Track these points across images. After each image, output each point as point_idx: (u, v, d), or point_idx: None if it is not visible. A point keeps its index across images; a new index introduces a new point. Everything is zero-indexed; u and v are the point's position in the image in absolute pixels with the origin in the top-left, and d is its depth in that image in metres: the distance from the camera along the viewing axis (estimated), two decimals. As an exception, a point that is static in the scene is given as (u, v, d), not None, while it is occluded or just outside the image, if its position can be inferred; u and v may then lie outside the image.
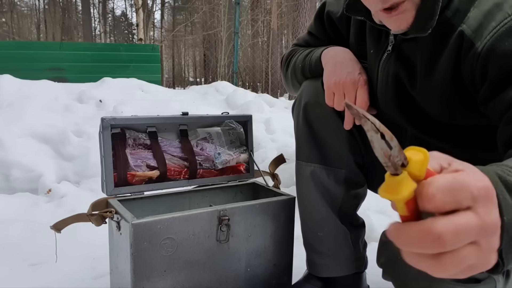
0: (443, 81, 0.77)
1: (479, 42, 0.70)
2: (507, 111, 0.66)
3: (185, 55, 21.32)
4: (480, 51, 0.70)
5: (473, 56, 0.71)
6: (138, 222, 0.89)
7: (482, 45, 0.70)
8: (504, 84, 0.67)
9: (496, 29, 0.69)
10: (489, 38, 0.69)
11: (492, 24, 0.69)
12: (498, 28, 0.69)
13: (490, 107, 0.71)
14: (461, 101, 0.77)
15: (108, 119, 1.05)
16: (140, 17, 8.18)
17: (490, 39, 0.69)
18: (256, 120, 2.71)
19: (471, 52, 0.71)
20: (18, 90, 2.95)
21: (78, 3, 19.21)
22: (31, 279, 1.27)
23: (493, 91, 0.69)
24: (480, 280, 0.81)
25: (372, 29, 0.90)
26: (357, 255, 1.09)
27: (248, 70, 11.24)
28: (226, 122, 1.25)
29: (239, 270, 1.06)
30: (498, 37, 0.68)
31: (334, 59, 0.96)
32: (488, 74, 0.69)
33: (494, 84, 0.69)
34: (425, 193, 0.33)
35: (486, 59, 0.69)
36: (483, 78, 0.71)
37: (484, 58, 0.70)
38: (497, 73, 0.68)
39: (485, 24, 0.70)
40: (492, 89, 0.69)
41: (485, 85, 0.70)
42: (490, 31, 0.69)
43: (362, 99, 0.92)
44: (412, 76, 0.83)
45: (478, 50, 0.70)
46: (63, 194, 1.95)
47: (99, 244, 1.33)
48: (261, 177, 1.26)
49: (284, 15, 11.37)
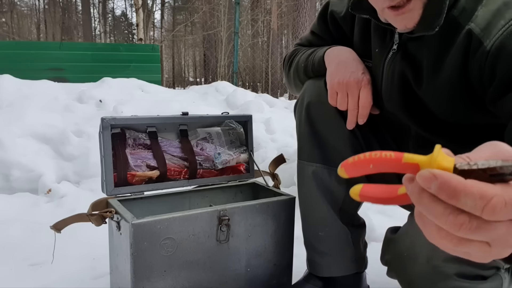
0: (450, 79, 0.77)
1: (487, 40, 0.70)
2: None
3: (185, 55, 21.32)
4: (489, 49, 0.69)
5: (481, 54, 0.71)
6: (138, 222, 0.89)
7: (491, 43, 0.69)
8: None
9: (505, 28, 0.68)
10: (498, 37, 0.68)
11: (501, 22, 0.69)
12: (507, 26, 0.68)
13: (499, 105, 0.70)
14: (467, 100, 0.77)
15: (108, 119, 1.05)
16: (140, 17, 8.18)
17: (500, 38, 0.68)
18: (256, 120, 2.71)
19: (480, 51, 0.71)
20: (18, 90, 2.95)
21: (78, 3, 19.22)
22: (31, 279, 1.27)
23: (502, 90, 0.68)
24: (486, 277, 0.81)
25: (377, 28, 0.90)
26: (358, 255, 1.09)
27: (248, 70, 11.24)
28: (226, 122, 1.25)
29: (239, 270, 1.06)
30: (507, 35, 0.68)
31: (337, 58, 0.96)
32: (497, 72, 0.69)
33: (503, 82, 0.68)
34: (493, 205, 0.30)
35: (495, 58, 0.69)
36: (491, 76, 0.70)
37: (493, 57, 0.69)
38: (506, 72, 0.68)
39: (494, 23, 0.70)
40: (501, 87, 0.69)
41: (493, 83, 0.70)
42: (499, 29, 0.69)
43: (366, 99, 0.92)
44: (418, 75, 0.82)
45: (487, 48, 0.70)
46: (63, 194, 1.95)
47: (99, 244, 1.33)
48: (261, 177, 1.26)
49: (284, 15, 11.38)
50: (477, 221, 0.31)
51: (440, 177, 0.31)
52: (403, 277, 0.86)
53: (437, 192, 0.31)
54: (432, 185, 0.31)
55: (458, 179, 0.31)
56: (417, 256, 0.81)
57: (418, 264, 0.81)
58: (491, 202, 0.29)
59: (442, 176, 0.31)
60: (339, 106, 0.95)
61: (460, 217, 0.30)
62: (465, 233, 0.31)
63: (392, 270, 0.91)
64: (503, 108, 0.69)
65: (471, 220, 0.30)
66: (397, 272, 0.89)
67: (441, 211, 0.31)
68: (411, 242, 0.83)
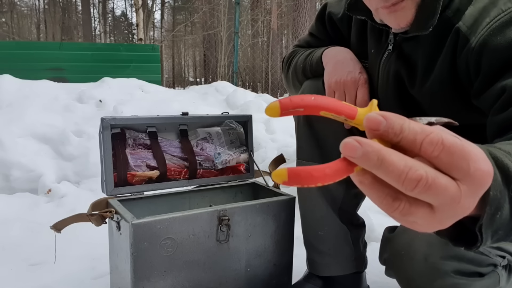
0: (441, 78, 0.78)
1: (473, 37, 0.71)
2: (495, 103, 0.67)
3: (185, 55, 21.32)
4: (474, 46, 0.71)
5: (467, 51, 0.72)
6: (138, 222, 0.89)
7: (476, 40, 0.71)
8: (495, 77, 0.68)
9: (490, 25, 0.69)
10: (482, 34, 0.70)
11: (486, 20, 0.70)
12: (492, 23, 0.69)
13: (481, 100, 0.72)
14: (459, 99, 0.78)
15: (108, 119, 1.05)
16: (140, 17, 8.17)
17: (484, 35, 0.70)
18: (256, 120, 2.71)
19: (466, 48, 0.72)
20: (18, 90, 2.95)
21: (78, 3, 19.21)
22: (31, 279, 1.27)
23: (485, 85, 0.70)
24: (483, 274, 0.81)
25: (373, 29, 0.91)
26: (357, 255, 1.09)
27: (248, 70, 11.24)
28: (226, 122, 1.25)
29: (239, 270, 1.06)
30: (491, 32, 0.69)
31: (335, 58, 0.97)
32: (481, 68, 0.70)
33: (485, 77, 0.70)
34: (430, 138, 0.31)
35: (479, 54, 0.70)
36: (477, 72, 0.72)
37: (477, 53, 0.70)
38: (489, 67, 0.69)
39: (479, 20, 0.71)
40: (483, 82, 0.70)
41: (478, 79, 0.71)
42: (484, 26, 0.70)
43: (363, 98, 0.92)
44: (412, 75, 0.83)
45: (472, 45, 0.71)
46: (63, 194, 1.95)
47: (99, 244, 1.33)
48: (261, 177, 1.26)
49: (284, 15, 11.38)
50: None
51: (388, 117, 0.32)
52: (401, 275, 0.86)
53: (385, 131, 0.32)
54: (381, 125, 0.32)
55: (404, 118, 0.32)
56: (414, 254, 0.81)
57: (416, 262, 0.81)
58: (430, 135, 0.31)
59: (390, 116, 0.32)
60: None
61: (420, 171, 0.30)
62: (419, 191, 0.30)
63: (390, 268, 0.91)
64: (486, 102, 0.70)
65: (427, 174, 0.30)
66: (395, 271, 0.89)
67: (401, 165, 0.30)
68: (409, 240, 0.83)
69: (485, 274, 0.82)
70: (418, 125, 0.32)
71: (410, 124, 0.32)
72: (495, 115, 0.67)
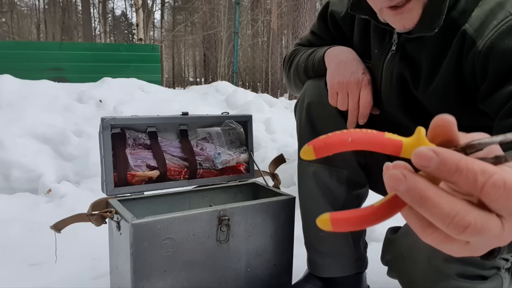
0: (446, 81, 0.77)
1: (480, 40, 0.70)
2: (502, 108, 0.66)
3: (185, 55, 21.33)
4: (481, 49, 0.70)
5: (474, 54, 0.71)
6: (138, 222, 0.89)
7: (483, 43, 0.70)
8: (502, 81, 0.67)
9: (497, 28, 0.69)
10: (490, 37, 0.69)
11: (494, 22, 0.69)
12: (499, 26, 0.68)
13: (488, 104, 0.71)
14: (464, 102, 0.77)
15: (108, 119, 1.05)
16: (140, 17, 8.17)
17: (491, 38, 0.69)
18: (256, 120, 2.71)
19: (473, 51, 0.71)
20: (18, 90, 2.95)
21: (78, 3, 19.22)
22: (31, 279, 1.27)
23: (492, 88, 0.69)
24: (487, 277, 0.81)
25: (376, 29, 0.90)
26: (358, 256, 1.09)
27: (248, 70, 11.24)
28: (226, 122, 1.25)
29: (239, 270, 1.06)
30: (498, 35, 0.68)
31: (337, 58, 0.96)
32: (488, 72, 0.69)
33: (493, 81, 0.69)
34: (493, 181, 0.28)
35: (486, 57, 0.69)
36: (483, 76, 0.71)
37: (484, 56, 0.69)
38: (496, 71, 0.68)
39: (486, 23, 0.70)
40: (490, 86, 0.69)
41: (485, 82, 0.70)
42: (491, 29, 0.69)
43: (366, 99, 0.92)
44: (416, 76, 0.82)
45: (479, 48, 0.70)
46: (63, 194, 1.95)
47: (99, 244, 1.33)
48: (261, 177, 1.26)
49: (284, 15, 11.38)
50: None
51: (440, 154, 0.28)
52: (404, 277, 0.86)
53: (437, 169, 0.29)
54: (432, 162, 0.28)
55: (460, 155, 0.29)
56: (417, 256, 0.81)
57: (419, 264, 0.81)
58: (492, 178, 0.28)
59: (443, 153, 0.29)
60: (340, 106, 0.95)
61: (468, 218, 0.28)
62: (465, 236, 0.29)
63: (392, 270, 0.91)
64: (492, 107, 0.70)
65: (476, 221, 0.28)
66: (397, 272, 0.89)
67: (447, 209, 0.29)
68: (412, 242, 0.83)
69: (488, 277, 0.81)
70: (476, 163, 0.28)
71: (468, 163, 0.28)
72: (503, 119, 0.66)
